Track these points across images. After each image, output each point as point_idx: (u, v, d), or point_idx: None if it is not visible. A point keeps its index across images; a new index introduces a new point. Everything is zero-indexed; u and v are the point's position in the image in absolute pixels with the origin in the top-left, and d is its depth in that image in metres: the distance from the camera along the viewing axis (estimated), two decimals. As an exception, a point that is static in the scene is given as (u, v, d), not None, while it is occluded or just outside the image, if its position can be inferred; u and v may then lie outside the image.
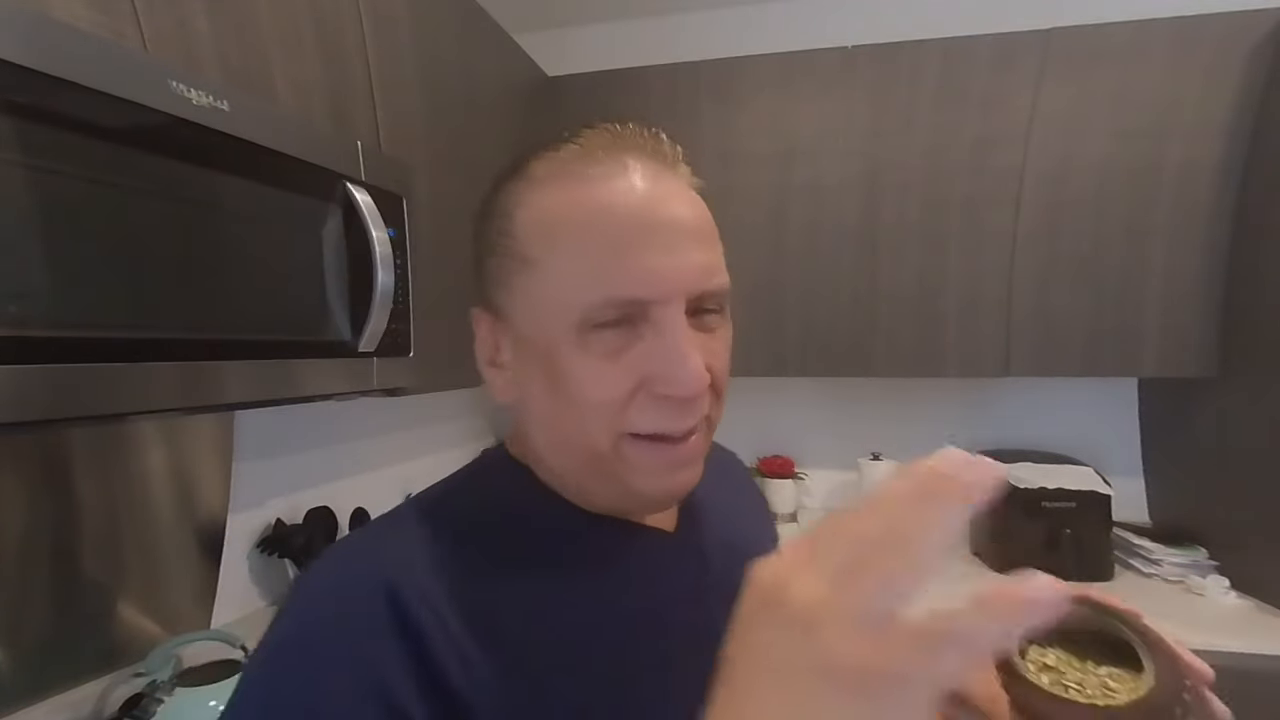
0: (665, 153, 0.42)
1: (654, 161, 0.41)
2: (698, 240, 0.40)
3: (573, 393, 0.39)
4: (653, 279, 0.38)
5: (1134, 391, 1.87)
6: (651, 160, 0.41)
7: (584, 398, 0.39)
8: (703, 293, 0.40)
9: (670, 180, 0.41)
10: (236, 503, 1.18)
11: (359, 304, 0.90)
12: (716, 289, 0.41)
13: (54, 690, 0.89)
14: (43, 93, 0.54)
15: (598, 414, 0.39)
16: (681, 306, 0.39)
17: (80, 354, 0.57)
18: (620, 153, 0.41)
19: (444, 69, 1.31)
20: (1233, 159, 1.51)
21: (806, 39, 1.84)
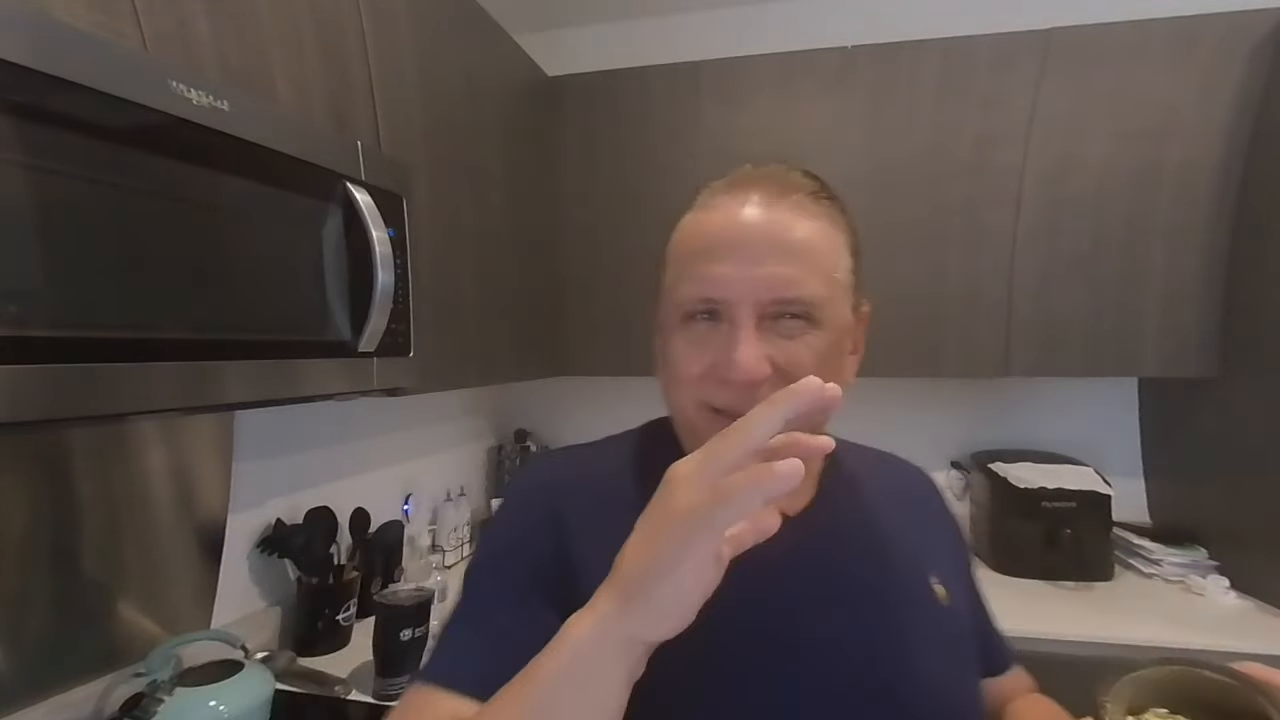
0: (787, 183, 0.52)
1: (770, 193, 0.51)
2: (781, 256, 0.48)
3: (671, 367, 0.52)
4: (722, 284, 0.49)
5: (1134, 391, 1.87)
6: (768, 192, 0.51)
7: (676, 372, 0.51)
8: (776, 299, 0.48)
9: (775, 209, 0.50)
10: (236, 503, 1.18)
11: (359, 304, 0.90)
12: (793, 298, 0.48)
13: (54, 690, 0.89)
14: (43, 93, 0.54)
15: (684, 386, 0.51)
16: (750, 309, 0.48)
17: (80, 354, 0.57)
18: (746, 187, 0.52)
19: (444, 69, 1.31)
20: (1233, 159, 1.51)
21: (806, 39, 1.84)
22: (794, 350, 0.48)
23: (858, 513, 0.58)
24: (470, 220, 1.40)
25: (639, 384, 2.16)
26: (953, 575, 0.58)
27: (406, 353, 1.01)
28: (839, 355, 0.52)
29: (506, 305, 1.57)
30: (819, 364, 0.48)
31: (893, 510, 0.59)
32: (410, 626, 1.09)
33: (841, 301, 0.52)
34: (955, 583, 0.58)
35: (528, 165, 1.70)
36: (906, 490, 0.63)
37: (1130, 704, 0.39)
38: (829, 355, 0.50)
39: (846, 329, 0.53)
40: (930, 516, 0.62)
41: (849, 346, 0.55)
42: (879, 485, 0.61)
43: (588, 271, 1.89)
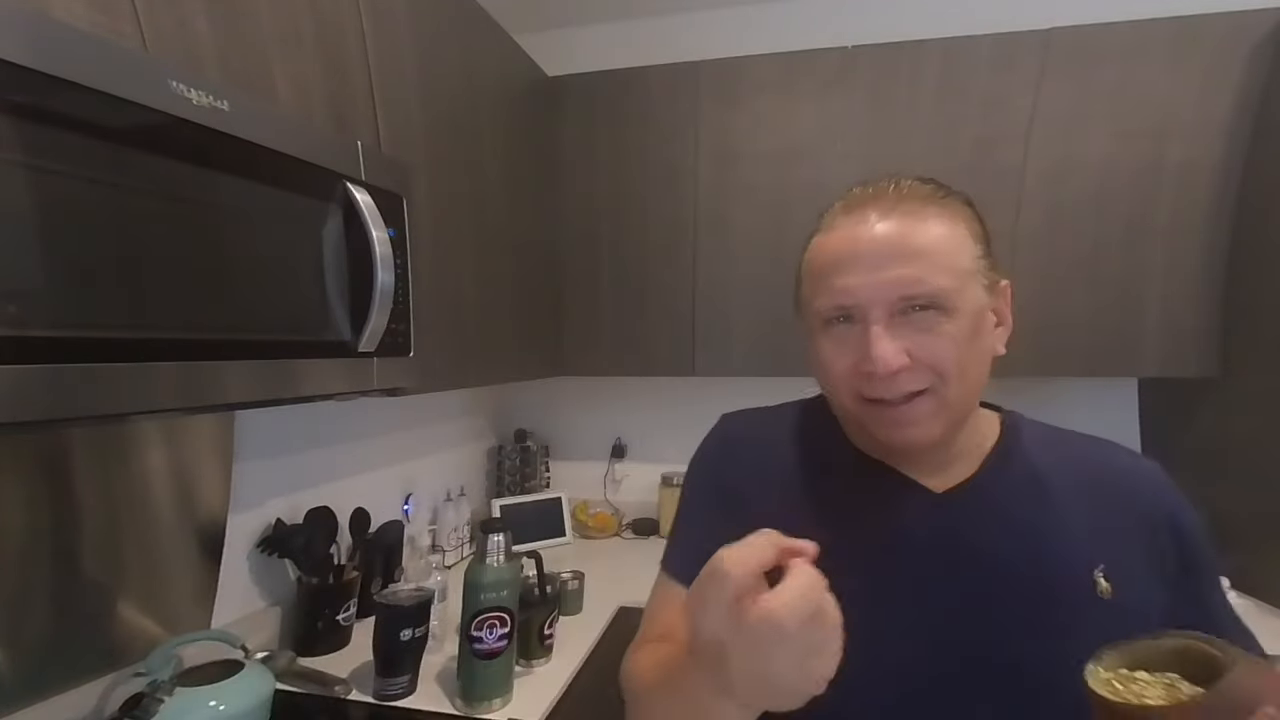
0: (899, 195, 0.58)
1: (883, 207, 0.57)
2: (901, 260, 0.54)
3: (823, 367, 0.59)
4: (849, 293, 0.55)
5: (1134, 391, 1.87)
6: (881, 206, 0.57)
7: (828, 370, 0.59)
8: (902, 297, 0.54)
9: (889, 219, 0.56)
10: (236, 503, 1.18)
11: (359, 304, 0.90)
12: (918, 293, 0.54)
13: (54, 690, 0.89)
14: (43, 93, 0.54)
15: (839, 382, 0.58)
16: (880, 310, 0.54)
17: (80, 354, 0.57)
18: (862, 206, 0.58)
19: (444, 69, 1.31)
20: (1233, 159, 1.51)
21: (806, 39, 1.84)
22: (926, 340, 0.54)
23: (1015, 495, 0.59)
24: (470, 220, 1.40)
25: (639, 384, 2.16)
26: (1150, 573, 0.57)
27: (406, 353, 1.01)
28: (979, 334, 0.57)
29: (506, 305, 1.57)
30: (956, 346, 0.54)
31: (1067, 497, 0.59)
32: (410, 626, 1.09)
33: (972, 286, 0.56)
34: (1149, 580, 0.56)
35: (528, 165, 1.70)
36: (1099, 480, 0.60)
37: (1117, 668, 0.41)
38: (967, 336, 0.55)
39: (982, 310, 0.57)
40: (1127, 509, 0.59)
41: (993, 321, 0.60)
42: (1060, 471, 0.61)
43: (588, 271, 1.89)
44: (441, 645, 1.26)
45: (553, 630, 1.24)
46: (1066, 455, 0.63)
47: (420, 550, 1.61)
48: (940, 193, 0.59)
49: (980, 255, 0.58)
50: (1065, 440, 0.65)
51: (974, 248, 0.58)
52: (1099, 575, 0.55)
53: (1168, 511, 0.59)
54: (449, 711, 1.06)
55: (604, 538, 2.07)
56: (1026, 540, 0.57)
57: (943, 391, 0.56)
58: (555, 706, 1.12)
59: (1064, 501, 0.59)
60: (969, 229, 0.59)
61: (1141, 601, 0.55)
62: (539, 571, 1.24)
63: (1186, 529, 0.59)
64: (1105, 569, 0.56)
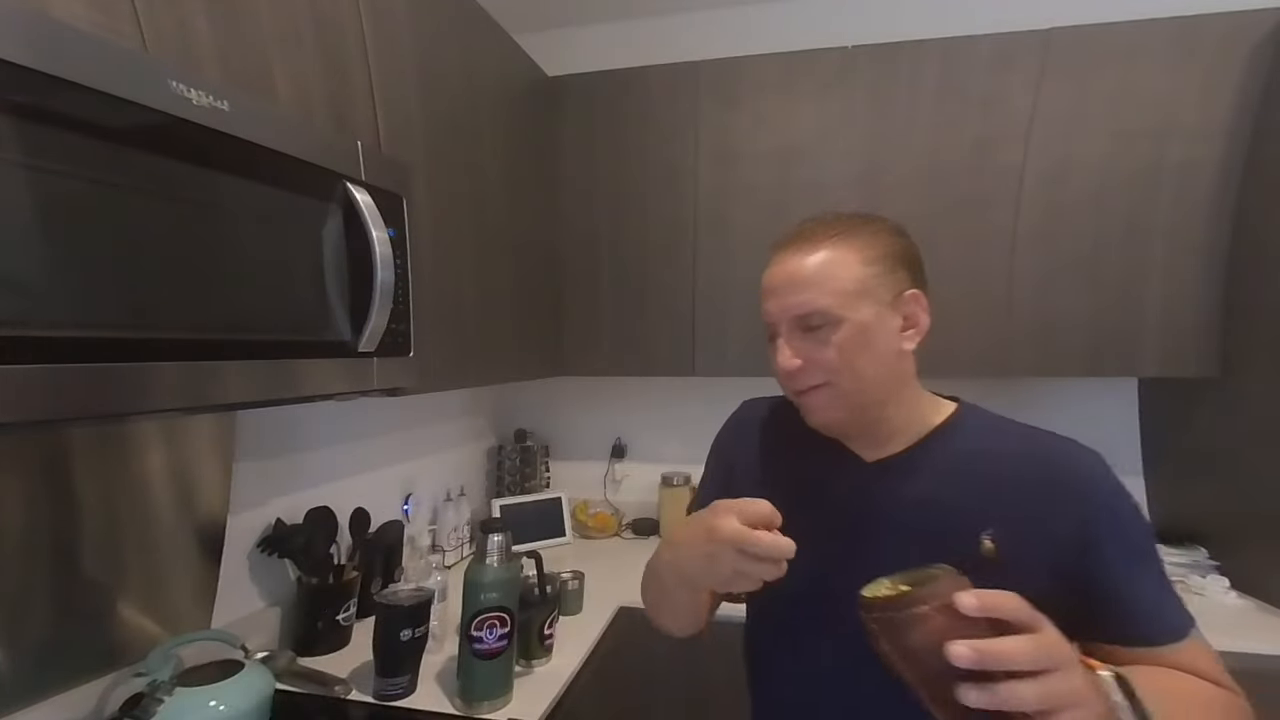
0: (823, 230, 0.74)
1: (796, 247, 0.73)
2: (795, 289, 0.71)
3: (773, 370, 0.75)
4: (768, 316, 0.74)
5: (1134, 391, 1.87)
6: (795, 246, 0.74)
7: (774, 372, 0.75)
8: (795, 317, 0.71)
9: (795, 257, 0.73)
10: (236, 503, 1.18)
11: (359, 304, 0.90)
12: (806, 313, 0.70)
13: (54, 690, 0.89)
14: (43, 93, 0.54)
15: (779, 381, 0.75)
16: (785, 327, 0.73)
17: (80, 354, 0.57)
18: (782, 247, 0.75)
19: (444, 69, 1.31)
20: (1233, 159, 1.51)
21: (806, 39, 1.84)
22: (816, 347, 0.71)
23: (934, 469, 0.72)
24: (470, 220, 1.40)
25: (639, 384, 2.16)
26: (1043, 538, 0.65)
27: (406, 353, 1.01)
28: (870, 339, 0.70)
29: (506, 305, 1.57)
30: (840, 350, 0.70)
31: (983, 474, 0.70)
32: (410, 626, 1.09)
33: (860, 302, 0.70)
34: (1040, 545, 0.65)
35: (528, 165, 1.70)
36: (1019, 462, 0.69)
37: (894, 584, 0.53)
38: (854, 341, 0.70)
39: (874, 318, 0.70)
40: (1034, 489, 0.67)
41: (897, 326, 0.73)
42: (987, 453, 0.71)
43: (588, 271, 1.89)
44: (441, 645, 1.26)
45: (553, 630, 1.24)
46: (999, 440, 0.73)
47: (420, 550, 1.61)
48: (838, 228, 0.74)
49: (875, 274, 0.71)
50: (1005, 429, 0.75)
51: (862, 270, 0.71)
52: (985, 538, 0.66)
53: (1083, 493, 0.66)
54: (449, 711, 1.06)
55: (604, 538, 2.07)
56: (929, 507, 0.70)
57: (838, 384, 0.71)
58: (555, 706, 1.12)
59: (977, 477, 0.70)
60: (860, 255, 0.72)
61: (1024, 563, 0.64)
62: (539, 571, 1.24)
63: (1101, 509, 0.65)
64: (993, 533, 0.66)
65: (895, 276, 0.73)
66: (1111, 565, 0.65)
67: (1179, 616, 0.65)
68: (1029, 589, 0.53)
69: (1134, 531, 0.66)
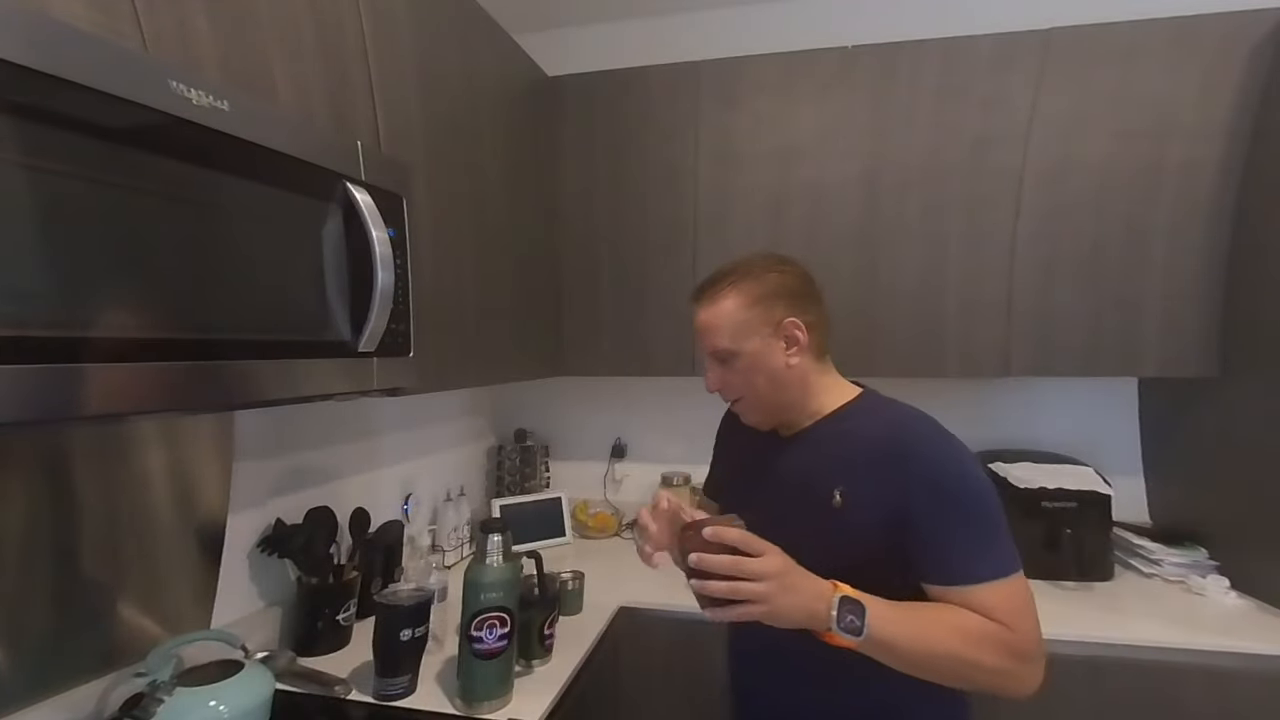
0: (716, 287, 0.94)
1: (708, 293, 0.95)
2: (708, 334, 0.94)
3: None
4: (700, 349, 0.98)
5: (1134, 391, 1.87)
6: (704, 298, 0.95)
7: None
8: (711, 353, 0.95)
9: (706, 306, 0.95)
10: (236, 503, 1.18)
11: (359, 304, 0.90)
12: (716, 350, 0.94)
13: (54, 690, 0.89)
14: (43, 93, 0.54)
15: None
16: (708, 360, 0.97)
17: (80, 354, 0.57)
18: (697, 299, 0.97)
19: (444, 69, 1.31)
20: (1233, 159, 1.51)
21: (806, 39, 1.84)
22: (726, 373, 0.95)
23: (821, 446, 0.92)
24: (470, 220, 1.40)
25: (638, 384, 2.16)
26: (877, 498, 0.83)
27: (406, 353, 1.01)
28: (762, 362, 0.92)
29: (506, 305, 1.57)
30: (741, 374, 0.93)
31: (845, 447, 0.89)
32: (410, 626, 1.09)
33: (747, 336, 0.91)
34: (873, 500, 0.83)
35: (528, 165, 1.70)
36: (874, 436, 0.87)
37: None
38: (750, 367, 0.92)
39: (763, 346, 0.91)
40: (880, 459, 0.84)
41: (777, 349, 0.92)
42: (858, 429, 0.89)
43: (588, 271, 1.89)
44: (441, 645, 1.26)
45: (553, 630, 1.24)
46: (866, 422, 0.90)
47: (420, 550, 1.61)
48: (730, 279, 0.93)
49: (756, 314, 0.91)
50: (878, 413, 0.91)
51: (746, 314, 0.91)
52: (836, 493, 0.86)
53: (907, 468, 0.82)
54: (449, 711, 1.06)
55: (604, 538, 2.07)
56: (809, 469, 0.91)
57: (748, 398, 0.95)
58: (555, 706, 1.12)
59: (843, 445, 0.89)
60: (744, 300, 0.92)
61: (861, 513, 0.84)
62: (539, 571, 1.24)
63: (918, 479, 0.81)
64: (842, 490, 0.86)
65: (773, 311, 0.92)
66: (920, 523, 0.80)
67: (976, 566, 0.79)
68: (865, 533, 0.83)
69: (947, 497, 0.80)
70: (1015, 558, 0.80)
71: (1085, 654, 1.32)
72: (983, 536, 0.80)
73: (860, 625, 0.74)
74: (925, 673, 0.78)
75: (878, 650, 0.76)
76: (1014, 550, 0.81)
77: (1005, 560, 0.80)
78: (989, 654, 0.76)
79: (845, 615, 0.74)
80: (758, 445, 1.00)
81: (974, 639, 0.76)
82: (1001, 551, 0.80)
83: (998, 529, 0.81)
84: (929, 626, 0.77)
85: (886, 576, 0.80)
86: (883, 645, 0.75)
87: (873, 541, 0.82)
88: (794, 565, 0.76)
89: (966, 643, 0.76)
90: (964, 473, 0.82)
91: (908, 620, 0.76)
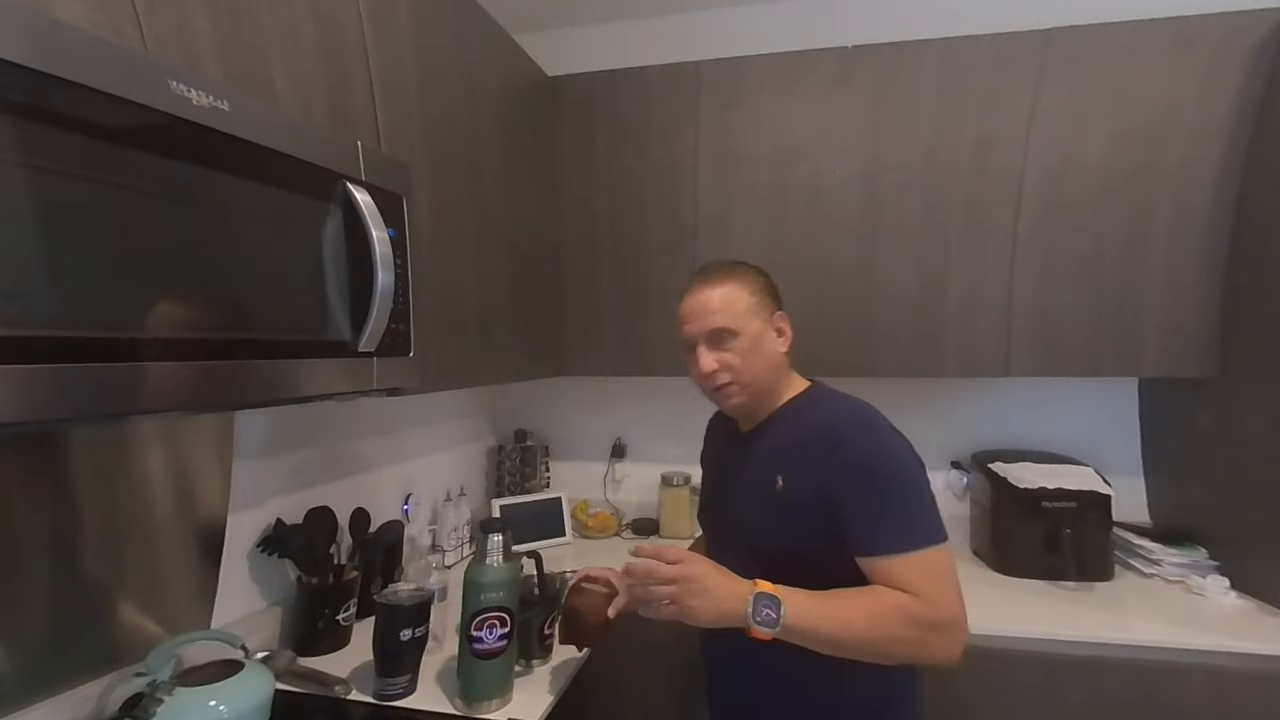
0: (718, 273, 1.03)
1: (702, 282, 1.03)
2: (710, 314, 1.00)
3: (691, 374, 1.05)
4: (688, 334, 1.03)
5: (1134, 391, 1.87)
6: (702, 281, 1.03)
7: (692, 376, 1.05)
8: (707, 334, 1.00)
9: (712, 288, 1.01)
10: (236, 503, 1.18)
11: (359, 304, 0.90)
12: (714, 330, 0.99)
13: (54, 690, 0.89)
14: (43, 93, 0.54)
15: (697, 382, 1.04)
16: (702, 340, 1.01)
17: (80, 354, 0.57)
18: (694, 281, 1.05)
19: (444, 69, 1.31)
20: (1233, 159, 1.51)
21: (806, 39, 1.84)
22: (724, 355, 0.99)
23: (768, 437, 1.03)
24: (470, 220, 1.40)
25: (638, 384, 2.16)
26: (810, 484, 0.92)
27: (406, 353, 1.01)
28: (758, 345, 1.00)
29: (506, 305, 1.57)
30: (740, 355, 0.99)
31: (788, 438, 0.99)
32: (410, 626, 1.09)
33: (748, 320, 0.99)
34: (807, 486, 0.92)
35: (528, 165, 1.70)
36: (809, 425, 0.97)
37: None
38: (747, 348, 0.99)
39: (760, 331, 1.00)
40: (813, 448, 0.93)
41: (772, 336, 1.02)
42: (801, 420, 1.00)
43: (588, 272, 1.89)
44: (441, 645, 1.26)
45: (553, 630, 1.24)
46: (808, 414, 1.00)
47: (420, 550, 1.61)
48: (727, 269, 1.03)
49: (757, 301, 1.01)
50: (820, 405, 1.01)
51: (749, 298, 1.00)
52: (779, 479, 0.96)
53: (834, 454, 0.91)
54: (449, 711, 1.06)
55: (604, 538, 2.06)
56: (758, 458, 1.02)
57: (740, 379, 1.00)
58: (555, 706, 1.12)
59: (781, 440, 1.00)
60: (747, 288, 1.01)
61: (799, 496, 0.93)
62: (539, 571, 1.24)
63: (843, 464, 0.89)
64: (783, 475, 0.96)
65: (768, 303, 1.02)
66: (846, 503, 0.89)
67: (893, 540, 0.86)
68: (803, 514, 0.92)
69: (869, 478, 0.88)
70: (934, 532, 0.87)
71: (1085, 654, 1.32)
72: (901, 513, 0.88)
73: (776, 618, 0.83)
74: (849, 652, 0.86)
75: (797, 638, 0.84)
76: (934, 526, 0.88)
77: (921, 534, 0.86)
78: (899, 627, 0.83)
79: (761, 610, 0.83)
80: (725, 444, 1.13)
81: (884, 615, 0.83)
82: (918, 527, 0.87)
83: (917, 507, 0.88)
84: (842, 610, 0.85)
85: (829, 552, 0.90)
86: (801, 633, 0.84)
87: (811, 521, 0.91)
88: (712, 572, 0.89)
89: (876, 620, 0.84)
90: (887, 456, 0.90)
91: (823, 607, 0.85)
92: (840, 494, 0.89)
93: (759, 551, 0.96)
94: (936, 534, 0.87)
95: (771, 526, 0.95)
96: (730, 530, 1.05)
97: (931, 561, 0.86)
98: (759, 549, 0.96)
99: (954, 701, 1.38)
